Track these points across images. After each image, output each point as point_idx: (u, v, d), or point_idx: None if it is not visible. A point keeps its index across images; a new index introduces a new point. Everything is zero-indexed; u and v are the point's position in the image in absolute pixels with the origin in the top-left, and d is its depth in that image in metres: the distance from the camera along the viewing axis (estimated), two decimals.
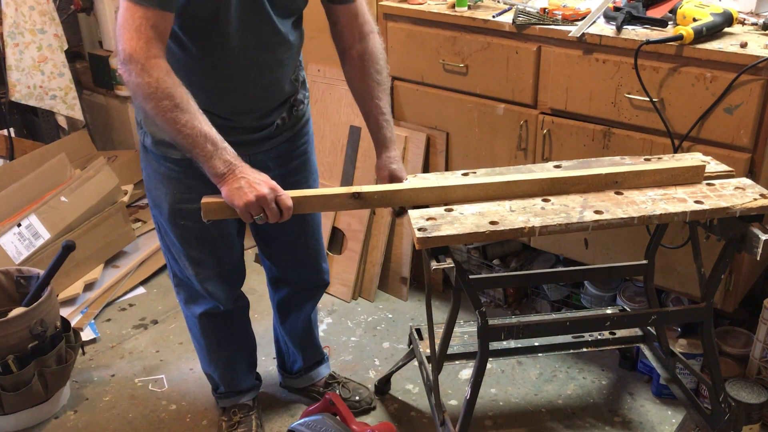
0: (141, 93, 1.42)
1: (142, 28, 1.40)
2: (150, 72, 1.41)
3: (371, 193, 1.53)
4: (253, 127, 1.71)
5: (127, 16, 1.42)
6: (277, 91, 1.71)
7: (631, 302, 2.31)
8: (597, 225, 1.46)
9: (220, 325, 2.01)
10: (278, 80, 1.69)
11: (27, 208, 2.75)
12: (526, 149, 2.23)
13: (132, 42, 1.41)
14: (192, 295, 1.95)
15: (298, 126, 1.82)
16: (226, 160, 1.47)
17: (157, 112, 1.43)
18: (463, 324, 2.16)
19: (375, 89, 1.71)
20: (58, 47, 3.26)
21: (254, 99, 1.68)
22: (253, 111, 1.69)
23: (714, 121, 1.87)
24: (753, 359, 2.05)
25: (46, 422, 2.21)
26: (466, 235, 1.43)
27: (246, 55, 1.59)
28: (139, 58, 1.40)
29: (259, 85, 1.66)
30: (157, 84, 1.41)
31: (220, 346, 2.06)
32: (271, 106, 1.72)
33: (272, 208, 1.48)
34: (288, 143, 1.81)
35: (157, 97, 1.41)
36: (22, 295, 2.25)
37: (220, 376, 2.12)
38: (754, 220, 1.54)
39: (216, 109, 1.62)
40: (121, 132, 3.58)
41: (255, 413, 2.14)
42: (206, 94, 1.59)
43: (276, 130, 1.75)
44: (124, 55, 1.42)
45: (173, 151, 1.67)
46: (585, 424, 2.13)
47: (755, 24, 1.96)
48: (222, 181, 1.48)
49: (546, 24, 2.08)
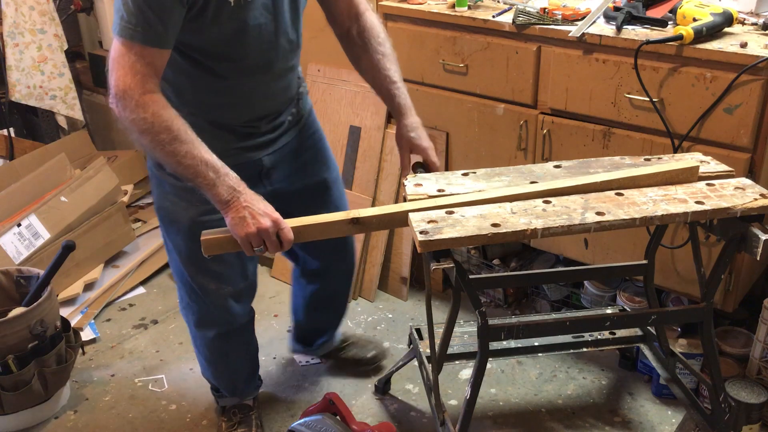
0: (137, 128, 1.41)
1: (138, 66, 1.40)
2: (145, 107, 1.40)
3: (370, 217, 1.54)
4: (269, 129, 1.73)
5: (122, 52, 1.40)
6: (288, 93, 1.74)
7: (631, 302, 2.31)
8: (599, 226, 1.46)
9: (231, 342, 2.00)
10: (289, 83, 1.73)
11: (27, 208, 2.75)
12: (526, 149, 2.23)
13: (127, 78, 1.39)
14: (206, 317, 1.91)
15: (303, 120, 1.84)
16: (230, 187, 1.47)
17: (155, 146, 1.42)
18: (463, 324, 2.16)
19: (381, 61, 1.71)
20: (58, 47, 3.26)
21: (270, 105, 1.71)
22: (269, 115, 1.73)
23: (714, 121, 1.87)
24: (753, 359, 2.05)
25: (46, 422, 2.21)
26: (468, 237, 1.42)
27: (264, 68, 1.62)
28: (133, 95, 1.39)
29: (274, 91, 1.69)
30: (153, 118, 1.40)
31: (228, 360, 2.05)
32: (283, 107, 1.75)
33: (273, 241, 1.48)
34: (299, 136, 1.83)
35: (154, 131, 1.40)
36: (22, 295, 2.25)
37: (224, 385, 2.11)
38: (754, 220, 1.54)
39: (235, 120, 1.66)
40: (121, 132, 3.57)
41: (255, 413, 2.14)
42: (225, 109, 1.63)
43: (288, 127, 1.78)
44: (117, 90, 1.40)
45: None
46: (585, 424, 2.13)
47: (755, 24, 1.96)
48: (226, 209, 1.47)
49: (546, 24, 2.08)
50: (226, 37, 1.52)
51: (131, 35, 1.39)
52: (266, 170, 1.78)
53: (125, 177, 3.31)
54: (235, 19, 1.50)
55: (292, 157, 1.82)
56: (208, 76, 1.58)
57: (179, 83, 1.60)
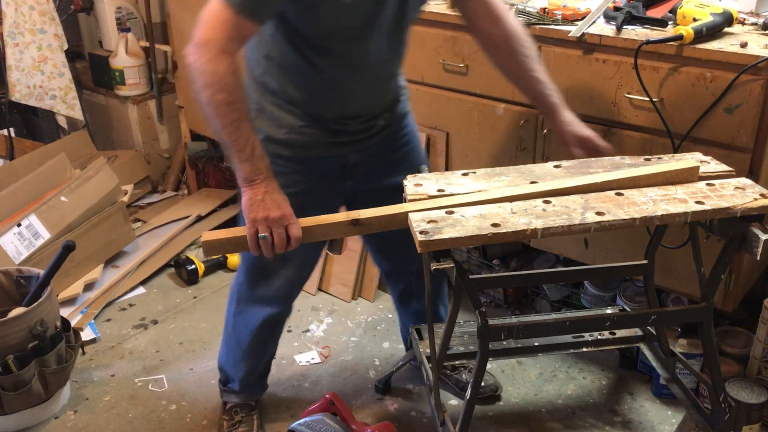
0: (202, 79, 1.45)
1: (226, 26, 1.45)
2: (219, 63, 1.44)
3: (370, 218, 1.55)
4: (359, 129, 1.77)
5: (217, 9, 1.45)
6: (384, 98, 1.79)
7: (631, 302, 2.31)
8: (599, 226, 1.46)
9: (274, 330, 2.03)
10: (386, 88, 1.78)
11: (27, 208, 2.75)
12: (526, 149, 2.23)
13: (214, 31, 1.44)
14: (259, 299, 1.94)
15: (396, 122, 1.86)
16: (258, 169, 1.51)
17: (211, 102, 1.46)
18: (463, 324, 2.16)
19: (527, 63, 1.74)
20: (58, 47, 3.26)
21: (363, 106, 1.75)
22: (361, 116, 1.76)
23: (714, 121, 1.87)
24: (753, 359, 2.05)
25: (46, 422, 2.21)
26: (468, 237, 1.42)
27: (364, 70, 1.66)
28: (213, 47, 1.44)
29: (369, 94, 1.74)
30: (221, 76, 1.44)
31: (262, 349, 2.06)
32: (377, 111, 1.78)
33: (280, 233, 1.50)
34: (389, 138, 1.85)
35: (215, 88, 1.44)
36: (22, 295, 2.25)
37: (242, 377, 2.10)
38: (754, 220, 1.54)
39: (328, 114, 1.71)
40: (121, 132, 3.58)
41: (256, 413, 2.14)
42: (320, 102, 1.69)
43: (379, 129, 1.81)
44: (200, 39, 1.45)
45: (284, 149, 1.73)
46: (585, 424, 2.13)
47: (755, 24, 1.96)
48: (247, 188, 1.51)
49: (546, 24, 2.08)
50: (332, 34, 1.57)
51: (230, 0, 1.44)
52: (351, 167, 1.82)
53: (125, 177, 3.31)
54: (344, 18, 1.54)
55: (378, 157, 1.85)
56: (311, 68, 1.63)
57: (284, 70, 1.66)
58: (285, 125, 1.72)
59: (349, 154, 1.80)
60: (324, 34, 1.58)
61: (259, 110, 1.72)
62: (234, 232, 1.55)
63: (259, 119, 1.74)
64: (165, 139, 3.61)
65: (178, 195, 3.56)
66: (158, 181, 3.65)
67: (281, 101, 1.70)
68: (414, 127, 1.95)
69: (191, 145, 3.42)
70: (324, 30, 1.57)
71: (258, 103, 1.72)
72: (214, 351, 2.50)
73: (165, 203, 3.46)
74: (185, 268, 2.88)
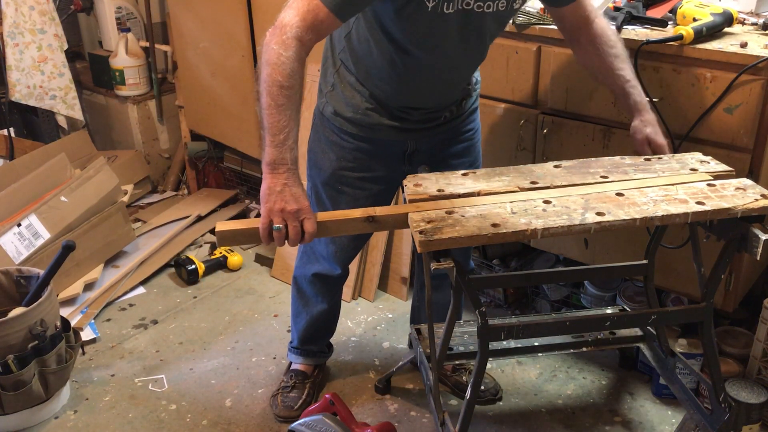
0: (268, 57, 1.48)
1: (309, 16, 1.48)
2: (288, 47, 1.46)
3: (385, 215, 1.55)
4: (421, 119, 1.82)
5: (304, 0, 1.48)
6: (450, 96, 1.83)
7: (631, 302, 2.31)
8: (599, 227, 1.46)
9: (323, 286, 2.15)
10: (454, 88, 1.82)
11: (27, 208, 2.75)
12: (526, 149, 2.23)
13: (294, 18, 1.48)
14: (315, 257, 2.10)
15: (463, 116, 1.90)
16: (284, 158, 1.51)
17: (267, 80, 1.48)
18: (463, 324, 2.16)
19: (614, 62, 1.76)
20: (58, 47, 3.26)
21: (427, 101, 1.80)
22: (424, 109, 1.81)
23: (714, 121, 1.87)
24: (753, 359, 2.05)
25: (46, 422, 2.21)
26: (467, 237, 1.42)
27: (436, 71, 1.71)
28: (287, 31, 1.47)
29: (435, 91, 1.78)
30: (285, 60, 1.47)
31: (314, 303, 2.18)
32: (441, 106, 1.82)
33: (295, 226, 1.51)
34: (453, 130, 1.89)
35: (275, 70, 1.47)
36: (22, 295, 2.25)
37: (300, 331, 2.24)
38: (754, 221, 1.54)
39: (392, 102, 1.78)
40: (121, 132, 3.58)
41: (310, 383, 2.25)
42: (385, 89, 1.75)
43: (442, 122, 1.85)
44: (280, 21, 1.49)
45: (349, 125, 1.81)
46: (585, 424, 2.13)
47: (755, 24, 1.96)
48: (268, 174, 1.52)
49: (546, 24, 2.08)
50: (413, 35, 1.61)
51: None
52: (410, 153, 1.87)
53: (125, 177, 3.31)
54: (426, 24, 1.57)
55: (439, 147, 1.89)
56: (384, 59, 1.69)
57: (359, 54, 1.73)
58: (352, 105, 1.80)
59: (409, 141, 1.85)
60: (405, 38, 1.63)
61: (333, 85, 1.81)
62: (248, 223, 1.56)
63: (330, 94, 1.83)
64: (165, 139, 3.61)
65: (178, 195, 3.56)
66: (158, 181, 3.65)
67: (353, 81, 1.78)
68: (479, 124, 1.99)
69: (191, 145, 3.42)
70: (406, 34, 1.62)
71: (333, 78, 1.81)
72: (214, 351, 2.50)
73: (165, 203, 3.45)
74: (185, 268, 2.88)
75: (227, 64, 3.04)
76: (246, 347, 2.51)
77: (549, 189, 1.60)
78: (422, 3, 1.53)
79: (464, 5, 1.56)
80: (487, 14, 1.60)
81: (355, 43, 1.73)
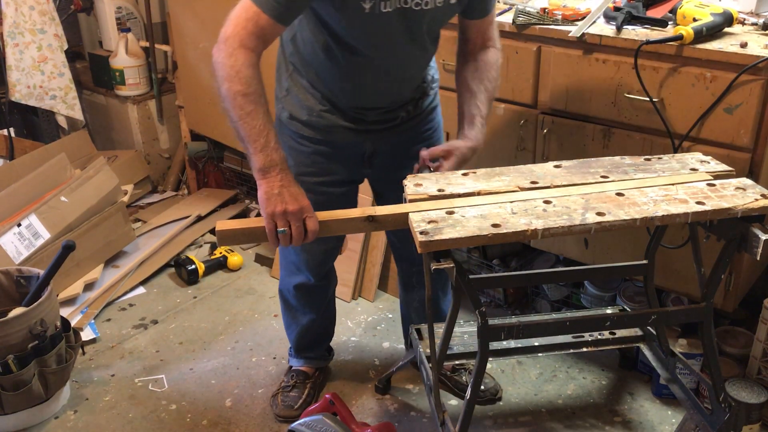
0: (221, 73, 1.50)
1: (249, 24, 1.49)
2: (236, 58, 1.48)
3: (385, 215, 1.55)
4: (377, 120, 1.80)
5: (243, 8, 1.50)
6: (401, 95, 1.81)
7: (631, 302, 2.31)
8: (599, 227, 1.46)
9: (305, 297, 2.15)
10: (404, 87, 1.80)
11: (27, 208, 2.75)
12: (526, 149, 2.23)
13: (237, 28, 1.49)
14: (292, 268, 2.10)
15: (422, 116, 1.88)
16: (272, 160, 1.52)
17: (228, 95, 1.49)
18: (463, 324, 2.16)
19: (478, 94, 1.75)
20: (58, 47, 3.26)
21: (379, 100, 1.78)
22: (378, 108, 1.79)
23: (714, 121, 1.87)
24: (753, 359, 2.05)
25: (46, 422, 2.21)
26: (468, 238, 1.42)
27: (381, 70, 1.70)
28: (232, 43, 1.49)
29: (385, 91, 1.77)
30: (238, 69, 1.48)
31: (301, 314, 2.18)
32: (395, 105, 1.81)
33: (298, 226, 1.52)
34: (412, 130, 1.88)
35: (232, 81, 1.48)
36: (22, 295, 2.25)
37: (294, 339, 2.26)
38: (754, 221, 1.54)
39: (344, 103, 1.76)
40: (121, 132, 3.58)
41: (311, 383, 2.25)
42: (337, 90, 1.74)
43: (399, 122, 1.84)
44: (222, 35, 1.50)
45: (306, 129, 1.80)
46: (585, 424, 2.13)
47: (755, 24, 1.96)
48: (261, 180, 1.53)
49: (546, 24, 2.08)
50: (355, 35, 1.61)
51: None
52: (369, 155, 1.87)
53: (125, 177, 3.31)
54: (366, 23, 1.57)
55: (399, 149, 1.88)
56: (329, 59, 1.68)
57: (306, 55, 1.73)
58: (306, 107, 1.79)
59: (367, 143, 1.84)
60: (349, 38, 1.62)
61: (288, 90, 1.80)
62: (248, 222, 1.56)
63: (285, 99, 1.82)
64: (165, 139, 3.61)
65: (178, 195, 3.56)
66: (158, 181, 3.65)
67: (306, 84, 1.77)
68: (440, 123, 1.97)
69: (191, 145, 3.42)
70: (349, 34, 1.61)
71: (287, 82, 1.80)
72: (214, 351, 2.50)
73: (165, 203, 3.46)
74: (185, 268, 2.88)
75: None
76: (246, 347, 2.51)
77: (549, 189, 1.60)
78: (358, 5, 1.53)
79: (403, 4, 1.55)
80: (426, 11, 1.59)
81: (302, 46, 1.73)
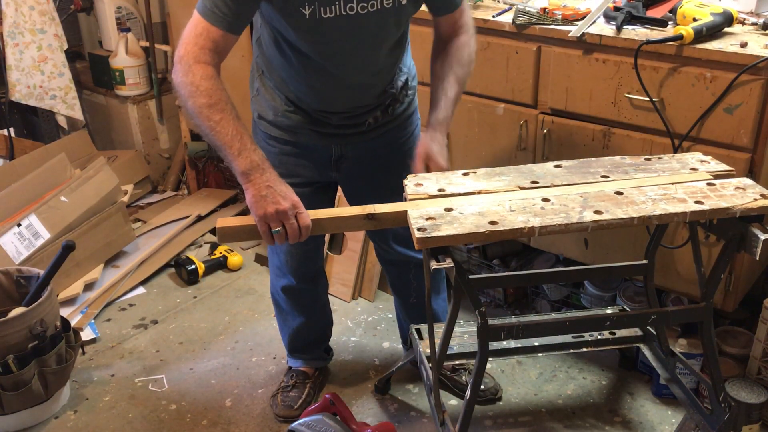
0: (183, 91, 1.52)
1: (201, 39, 1.52)
2: (194, 74, 1.51)
3: (385, 213, 1.55)
4: (342, 124, 1.80)
5: (193, 24, 1.53)
6: (364, 100, 1.79)
7: (631, 302, 2.31)
8: (597, 225, 1.46)
9: (293, 299, 2.15)
10: (367, 92, 1.78)
11: (27, 208, 2.75)
12: (526, 149, 2.23)
13: (188, 46, 1.52)
14: (278, 271, 2.11)
15: (395, 123, 1.87)
16: (252, 161, 1.53)
17: (194, 109, 1.52)
18: (463, 324, 2.16)
19: (449, 77, 1.75)
20: (58, 47, 3.25)
21: (341, 104, 1.78)
22: (342, 113, 1.78)
23: (714, 121, 1.87)
24: (753, 359, 2.05)
25: (46, 422, 2.21)
26: (465, 235, 1.43)
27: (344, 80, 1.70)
28: (188, 60, 1.51)
29: (346, 96, 1.76)
30: (197, 84, 1.50)
31: (292, 317, 2.19)
32: (360, 110, 1.80)
33: (292, 224, 1.52)
34: (383, 138, 1.86)
35: (195, 96, 1.50)
36: (22, 295, 2.25)
37: (288, 340, 2.26)
38: (754, 221, 1.54)
39: (307, 106, 1.77)
40: (121, 132, 3.58)
41: (310, 383, 2.24)
42: (299, 93, 1.74)
43: (367, 128, 1.82)
44: (177, 55, 1.53)
45: (273, 128, 1.82)
46: (585, 424, 2.13)
47: (755, 24, 1.95)
48: (247, 183, 1.53)
49: (546, 24, 2.08)
50: (303, 40, 1.61)
51: (204, 13, 1.52)
52: (336, 159, 1.86)
53: (125, 177, 3.30)
54: (311, 28, 1.57)
55: (368, 155, 1.87)
56: (288, 61, 1.69)
57: (269, 59, 1.75)
58: (273, 107, 1.80)
59: (333, 146, 1.83)
60: (299, 43, 1.61)
61: (258, 90, 1.83)
62: (249, 219, 1.56)
63: (255, 99, 1.84)
64: (165, 139, 3.61)
65: (178, 195, 3.56)
66: (158, 181, 3.65)
67: (271, 85, 1.79)
68: (417, 129, 1.94)
69: (191, 145, 3.42)
70: (298, 39, 1.60)
71: (257, 83, 1.83)
72: (214, 351, 2.50)
73: (165, 203, 3.45)
74: (185, 268, 2.88)
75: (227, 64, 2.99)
76: (246, 347, 2.51)
77: (549, 188, 1.60)
78: (298, 10, 1.53)
79: (346, 9, 1.54)
80: (372, 14, 1.57)
81: (265, 48, 1.75)
